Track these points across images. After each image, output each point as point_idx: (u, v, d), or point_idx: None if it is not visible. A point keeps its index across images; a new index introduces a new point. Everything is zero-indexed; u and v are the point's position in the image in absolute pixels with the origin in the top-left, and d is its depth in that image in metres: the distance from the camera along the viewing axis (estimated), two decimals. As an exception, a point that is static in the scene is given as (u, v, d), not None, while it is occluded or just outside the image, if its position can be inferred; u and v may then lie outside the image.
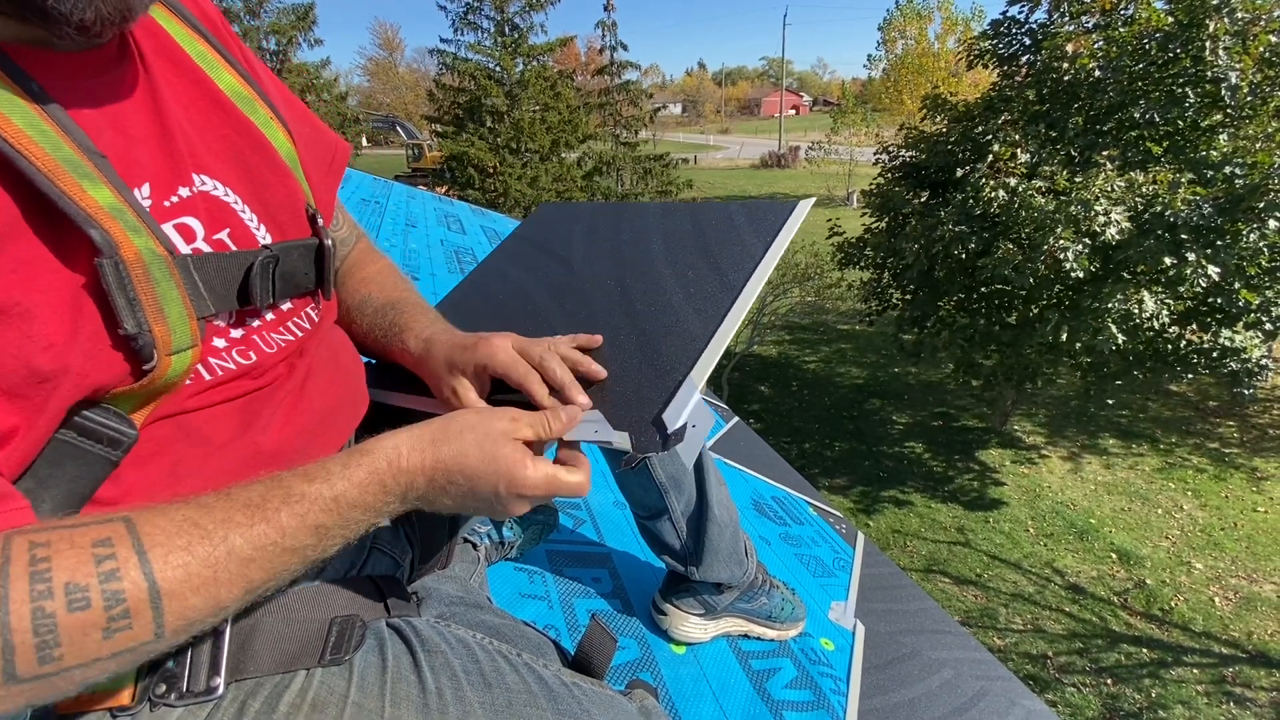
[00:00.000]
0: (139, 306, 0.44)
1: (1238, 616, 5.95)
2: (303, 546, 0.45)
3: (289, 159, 0.62)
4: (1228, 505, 7.50)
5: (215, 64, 0.59)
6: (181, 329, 0.47)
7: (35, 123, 0.41)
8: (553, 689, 0.64)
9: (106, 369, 0.44)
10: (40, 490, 0.44)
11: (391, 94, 43.42)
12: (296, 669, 0.55)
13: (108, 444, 0.46)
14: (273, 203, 0.60)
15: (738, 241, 0.79)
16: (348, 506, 0.48)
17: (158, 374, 0.46)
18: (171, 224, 0.50)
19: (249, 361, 0.56)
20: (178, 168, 0.51)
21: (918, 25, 21.66)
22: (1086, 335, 5.91)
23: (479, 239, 3.55)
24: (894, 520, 7.52)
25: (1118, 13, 6.89)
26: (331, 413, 0.64)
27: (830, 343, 12.70)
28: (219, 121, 0.57)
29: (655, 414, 0.62)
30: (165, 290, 0.46)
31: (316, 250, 0.63)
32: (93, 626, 0.36)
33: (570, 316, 0.78)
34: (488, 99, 14.77)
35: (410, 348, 0.71)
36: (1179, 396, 9.82)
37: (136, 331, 0.44)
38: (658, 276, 0.79)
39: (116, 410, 0.47)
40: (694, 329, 0.70)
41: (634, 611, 1.24)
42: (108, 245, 0.43)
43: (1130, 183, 5.87)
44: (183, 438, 0.52)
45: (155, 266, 0.46)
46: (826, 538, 1.82)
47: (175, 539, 0.40)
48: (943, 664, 1.35)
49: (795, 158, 31.09)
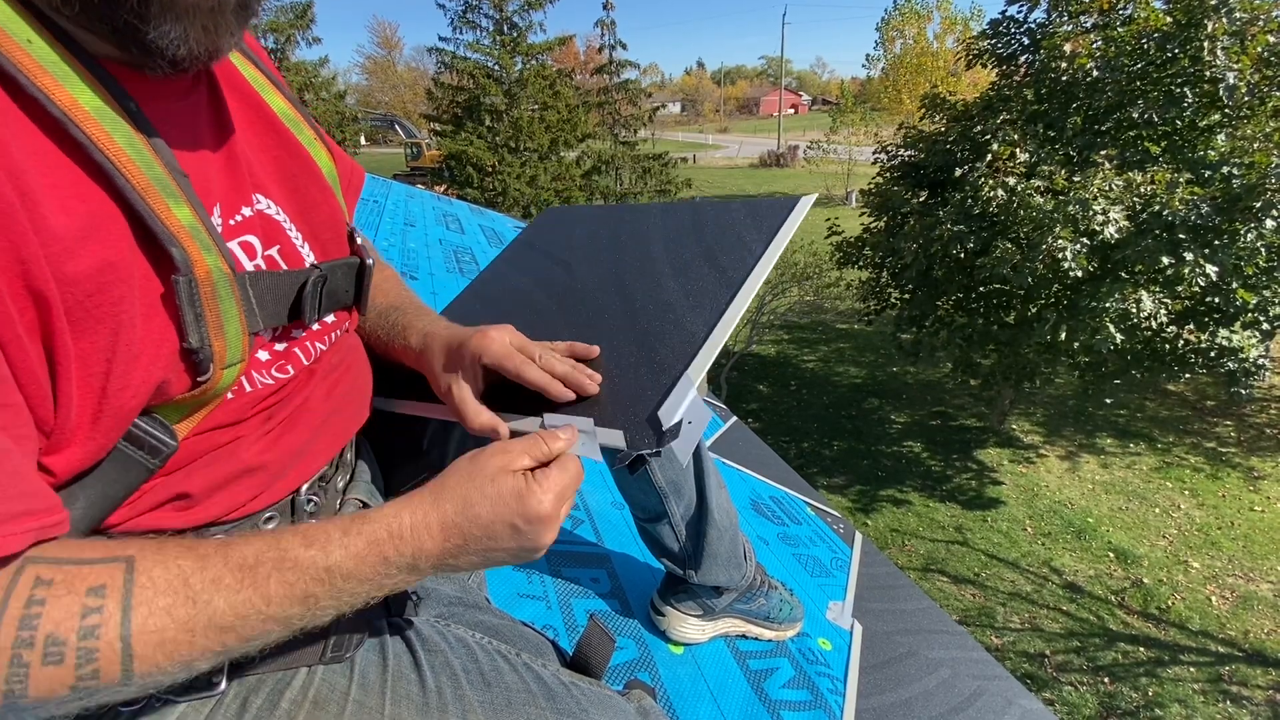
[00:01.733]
0: (204, 322, 0.46)
1: (1234, 615, 5.97)
2: (287, 616, 0.44)
3: (331, 179, 0.65)
4: (1224, 504, 7.52)
5: (266, 87, 0.61)
6: (236, 344, 0.49)
7: (133, 142, 0.43)
8: (551, 689, 0.65)
9: (169, 380, 0.46)
10: (77, 490, 0.45)
11: (390, 92, 43.35)
12: (298, 666, 0.56)
13: (149, 451, 0.48)
14: (317, 221, 0.62)
15: (738, 239, 0.80)
16: (342, 578, 0.45)
17: (210, 386, 0.48)
18: (236, 242, 0.52)
19: (287, 375, 0.58)
20: (241, 188, 0.54)
21: (916, 25, 21.68)
22: (1084, 335, 5.92)
23: (478, 238, 3.55)
24: (892, 519, 7.53)
25: (1116, 12, 6.89)
26: (332, 416, 0.64)
27: (829, 342, 12.70)
28: (272, 143, 0.59)
29: (650, 411, 0.62)
30: (227, 307, 0.48)
31: (358, 268, 0.65)
32: (61, 682, 0.37)
33: (571, 319, 0.79)
34: (486, 98, 14.74)
35: (411, 344, 0.72)
36: (1176, 396, 9.84)
37: (199, 346, 0.46)
38: (657, 276, 0.80)
39: (163, 420, 0.48)
40: (692, 326, 0.70)
41: (632, 612, 1.25)
42: (185, 263, 0.45)
43: (1128, 182, 5.88)
44: (212, 447, 0.53)
45: (221, 285, 0.48)
46: (824, 537, 1.82)
47: (161, 598, 0.40)
48: (940, 663, 1.36)
49: (794, 157, 31.08)
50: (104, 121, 0.42)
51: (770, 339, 12.52)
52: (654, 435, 0.61)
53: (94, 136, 0.41)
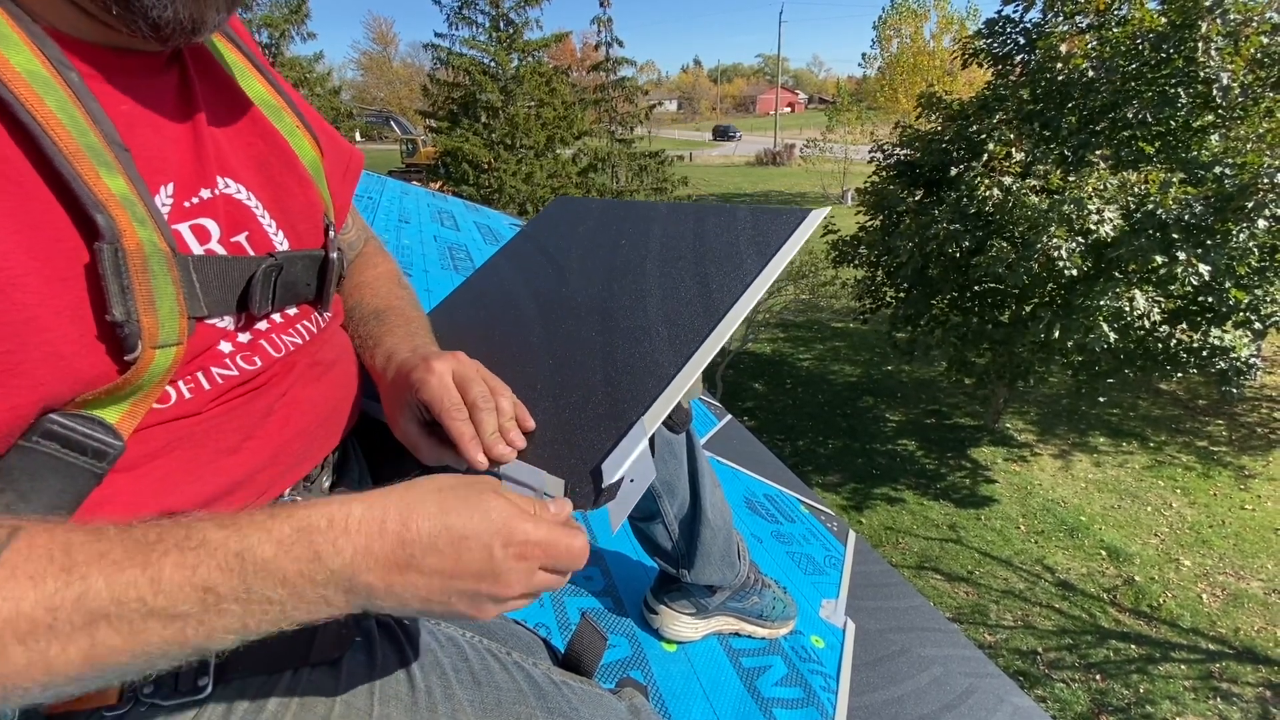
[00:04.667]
0: (131, 295, 0.44)
1: (1225, 613, 6.02)
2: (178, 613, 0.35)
3: (312, 168, 0.64)
4: (1216, 503, 7.58)
5: (246, 72, 0.60)
6: (170, 324, 0.47)
7: (66, 107, 0.42)
8: (542, 688, 0.64)
9: (88, 355, 0.43)
10: (21, 504, 0.43)
11: (385, 89, 43.17)
12: (284, 668, 0.55)
13: (93, 456, 0.45)
14: (293, 210, 0.61)
15: (734, 257, 0.76)
16: (254, 570, 0.37)
17: (140, 367, 0.45)
18: (188, 224, 0.51)
19: (254, 367, 0.56)
20: (203, 170, 0.53)
21: (913, 23, 21.69)
22: (1078, 334, 5.95)
23: (472, 235, 3.54)
24: (886, 517, 7.55)
25: (1111, 13, 6.92)
26: (324, 420, 0.64)
27: (824, 340, 12.73)
28: (247, 129, 0.58)
29: (596, 461, 0.58)
30: (161, 285, 0.46)
31: (321, 262, 0.63)
32: None
33: (549, 334, 0.77)
34: (482, 94, 14.68)
35: (376, 363, 0.69)
36: (1168, 395, 9.90)
37: (124, 319, 0.44)
38: (644, 294, 0.77)
39: (101, 420, 0.45)
40: (662, 361, 0.66)
41: (625, 610, 1.25)
42: (111, 231, 0.43)
43: (1123, 182, 5.91)
44: (175, 445, 0.51)
45: (155, 260, 0.46)
46: (818, 535, 1.82)
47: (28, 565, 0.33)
48: (932, 661, 1.36)
49: (790, 155, 31.11)
50: (35, 84, 0.41)
51: (766, 337, 12.54)
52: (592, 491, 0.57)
53: (21, 96, 0.40)
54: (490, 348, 0.77)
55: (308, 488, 0.63)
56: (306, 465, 0.62)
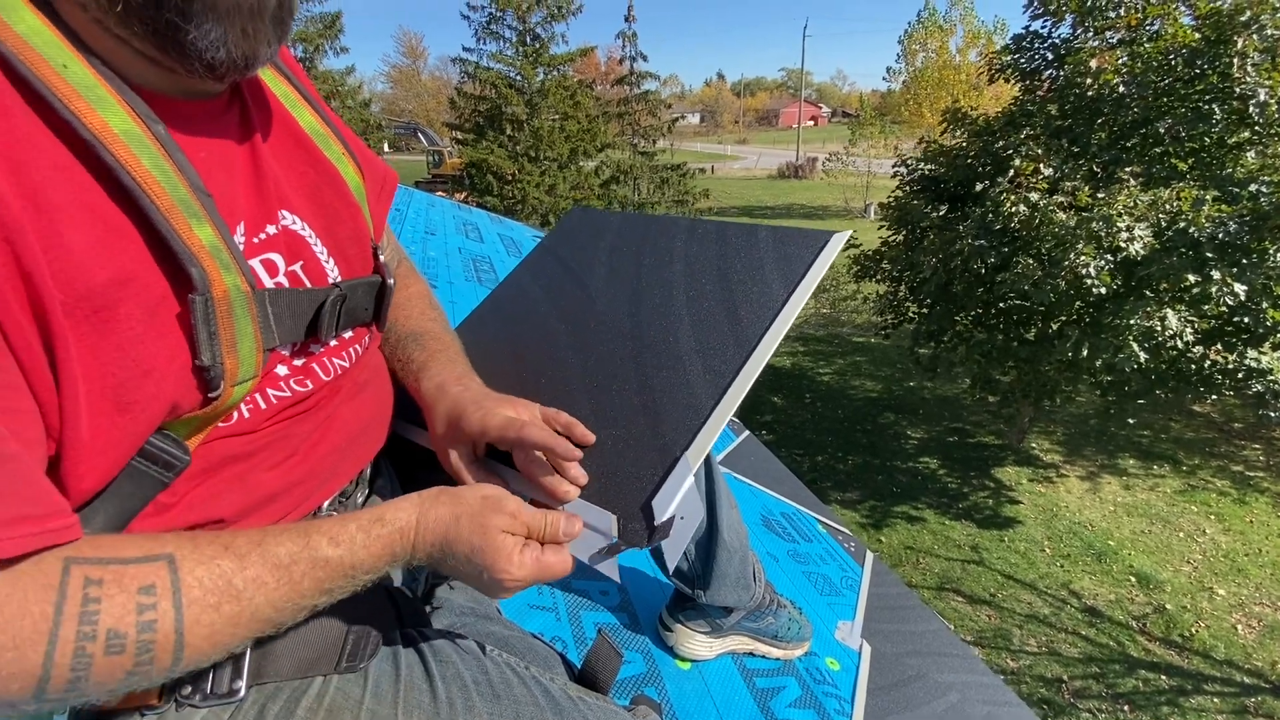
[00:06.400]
0: (217, 340, 0.48)
1: (1261, 645, 5.79)
2: (312, 605, 0.50)
3: (358, 194, 0.66)
4: (1252, 530, 7.31)
5: (297, 103, 0.63)
6: (249, 362, 0.51)
7: (160, 164, 0.45)
8: (559, 703, 0.66)
9: (184, 394, 0.48)
10: (97, 504, 0.47)
11: (414, 101, 44.03)
12: (314, 674, 0.58)
13: (162, 466, 0.49)
14: (343, 237, 0.63)
15: (761, 282, 0.75)
16: (361, 573, 0.52)
17: (220, 403, 0.50)
18: (258, 259, 0.54)
19: (305, 389, 0.59)
20: (267, 205, 0.55)
21: (939, 38, 21.55)
22: (1107, 353, 5.81)
23: (496, 247, 3.60)
24: (906, 536, 7.42)
25: (1143, 29, 6.81)
26: (358, 436, 0.66)
27: (845, 355, 12.60)
28: (300, 159, 0.61)
29: (645, 496, 0.59)
30: (242, 326, 0.50)
31: (379, 288, 0.66)
32: (120, 668, 0.41)
33: (582, 357, 0.77)
34: (508, 107, 14.93)
35: (423, 391, 0.71)
36: (1202, 417, 9.61)
37: (211, 364, 0.48)
38: (673, 317, 0.76)
39: (174, 436, 0.50)
40: (699, 392, 0.66)
41: (640, 626, 1.25)
42: (203, 283, 0.47)
43: (1154, 199, 5.79)
44: (230, 460, 0.55)
45: (238, 303, 0.49)
46: (835, 556, 1.81)
47: (209, 596, 0.44)
48: (949, 687, 1.35)
49: (813, 169, 31.00)
50: (132, 145, 0.44)
51: (786, 350, 12.45)
52: (644, 528, 0.58)
53: (122, 159, 0.43)
54: (523, 369, 0.78)
55: (342, 503, 0.66)
56: (341, 479, 0.64)
